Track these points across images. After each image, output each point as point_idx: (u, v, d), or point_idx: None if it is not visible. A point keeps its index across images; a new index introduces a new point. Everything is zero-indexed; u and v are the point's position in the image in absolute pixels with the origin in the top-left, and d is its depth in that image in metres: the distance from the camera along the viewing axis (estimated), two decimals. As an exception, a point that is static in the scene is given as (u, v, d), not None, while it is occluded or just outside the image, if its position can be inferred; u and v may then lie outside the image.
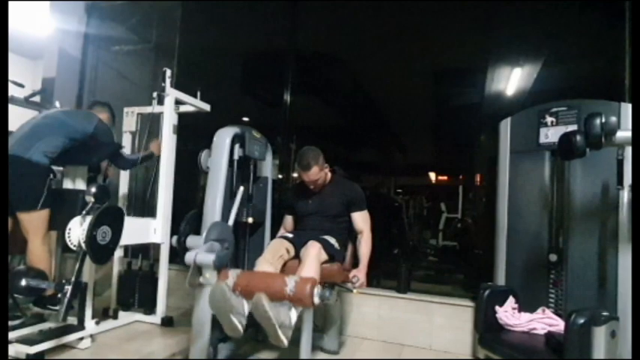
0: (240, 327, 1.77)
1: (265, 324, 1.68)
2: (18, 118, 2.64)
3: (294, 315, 1.76)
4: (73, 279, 2.09)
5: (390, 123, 6.11)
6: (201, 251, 1.89)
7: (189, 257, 1.89)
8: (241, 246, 2.42)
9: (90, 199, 2.09)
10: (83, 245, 2.02)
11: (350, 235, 2.50)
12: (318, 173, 2.34)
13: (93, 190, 2.11)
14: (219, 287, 1.77)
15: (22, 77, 3.07)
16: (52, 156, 2.36)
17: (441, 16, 3.80)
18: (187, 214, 2.19)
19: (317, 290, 1.76)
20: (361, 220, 2.43)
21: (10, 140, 2.34)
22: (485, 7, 3.44)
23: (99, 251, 2.07)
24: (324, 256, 2.20)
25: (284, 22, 3.85)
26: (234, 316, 1.76)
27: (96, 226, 2.02)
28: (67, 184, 2.76)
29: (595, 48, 3.12)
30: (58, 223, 2.38)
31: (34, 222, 2.33)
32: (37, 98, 3.02)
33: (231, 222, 2.17)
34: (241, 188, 2.30)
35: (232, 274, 1.87)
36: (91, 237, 2.00)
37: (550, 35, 3.35)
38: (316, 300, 1.76)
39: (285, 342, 1.69)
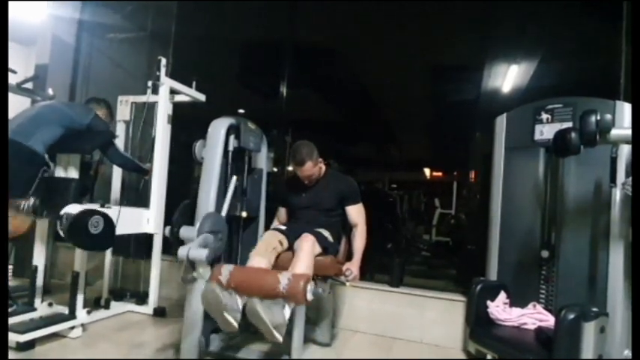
0: (234, 323, 1.79)
1: (260, 326, 1.72)
2: (9, 104, 2.59)
3: (287, 313, 1.79)
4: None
5: (386, 118, 6.10)
6: (194, 246, 1.88)
7: (182, 252, 1.88)
8: (235, 238, 2.42)
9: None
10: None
11: (344, 228, 2.50)
12: (312, 168, 2.34)
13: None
14: (211, 289, 1.79)
15: (15, 63, 3.01)
16: (49, 145, 2.34)
17: (439, 12, 3.80)
18: (180, 205, 2.18)
19: (310, 287, 1.78)
20: (356, 213, 2.42)
21: (9, 125, 2.30)
22: (484, 4, 3.44)
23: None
24: (318, 249, 2.20)
25: (283, 14, 3.82)
26: (228, 313, 1.78)
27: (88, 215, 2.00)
28: (59, 173, 2.73)
29: (591, 46, 3.13)
30: (49, 211, 2.35)
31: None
32: (29, 85, 2.98)
33: (224, 213, 2.16)
34: (234, 178, 2.28)
35: (225, 271, 1.87)
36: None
37: (547, 33, 3.36)
38: (309, 297, 1.78)
39: (280, 339, 1.74)
